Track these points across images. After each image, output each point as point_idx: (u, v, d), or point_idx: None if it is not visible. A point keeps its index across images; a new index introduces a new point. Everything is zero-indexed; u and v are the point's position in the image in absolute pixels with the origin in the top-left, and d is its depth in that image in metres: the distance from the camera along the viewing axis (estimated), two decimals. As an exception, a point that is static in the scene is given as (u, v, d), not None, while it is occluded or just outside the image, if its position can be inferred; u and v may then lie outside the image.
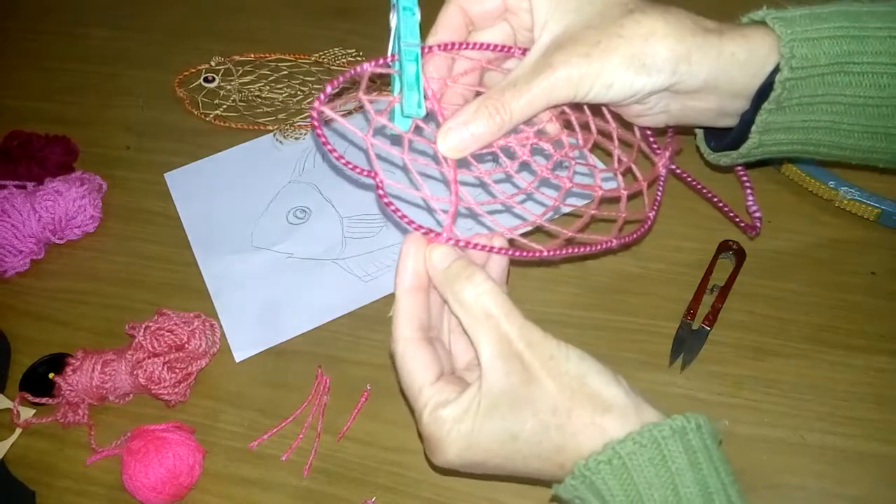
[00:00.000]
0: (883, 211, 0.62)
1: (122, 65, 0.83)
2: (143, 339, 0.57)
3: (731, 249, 0.62)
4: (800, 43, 0.43)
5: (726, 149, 0.49)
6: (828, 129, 0.46)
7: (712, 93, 0.44)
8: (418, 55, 0.43)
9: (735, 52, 0.43)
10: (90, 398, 0.58)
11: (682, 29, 0.42)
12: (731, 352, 0.58)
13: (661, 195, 0.49)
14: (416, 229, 0.42)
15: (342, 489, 0.54)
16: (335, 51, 0.80)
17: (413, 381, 0.42)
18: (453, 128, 0.42)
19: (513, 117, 0.42)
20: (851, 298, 0.60)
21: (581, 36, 0.41)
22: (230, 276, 0.65)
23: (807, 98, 0.44)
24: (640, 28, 0.41)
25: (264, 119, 0.76)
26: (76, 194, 0.67)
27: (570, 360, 0.39)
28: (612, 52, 0.41)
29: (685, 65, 0.42)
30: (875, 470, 0.52)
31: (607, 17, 0.42)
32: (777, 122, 0.45)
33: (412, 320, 0.42)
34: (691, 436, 0.37)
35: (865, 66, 0.44)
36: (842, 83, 0.44)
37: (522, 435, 0.39)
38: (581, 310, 0.61)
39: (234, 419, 0.58)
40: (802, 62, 0.43)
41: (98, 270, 0.67)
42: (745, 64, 0.43)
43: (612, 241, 0.46)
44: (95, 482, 0.56)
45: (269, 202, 0.70)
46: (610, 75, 0.41)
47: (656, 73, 0.42)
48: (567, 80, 0.41)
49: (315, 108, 0.41)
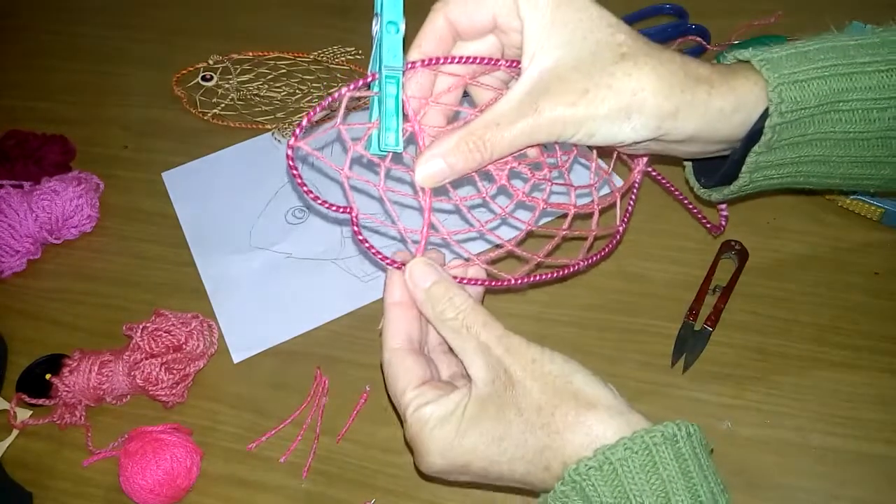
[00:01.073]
0: (886, 211, 0.61)
1: (119, 64, 0.82)
2: (141, 339, 0.57)
3: (733, 250, 0.62)
4: (788, 86, 0.42)
5: (716, 184, 0.49)
6: (818, 163, 0.46)
7: (696, 142, 0.44)
8: (400, 82, 0.42)
9: (723, 107, 0.42)
10: (87, 399, 0.57)
11: (671, 84, 0.41)
12: (734, 352, 0.58)
13: (633, 207, 0.49)
14: (389, 264, 0.43)
15: (341, 491, 0.54)
16: (334, 49, 0.80)
17: (397, 384, 0.43)
18: (431, 159, 0.41)
19: (493, 155, 0.41)
20: (854, 299, 0.59)
21: (570, 79, 0.41)
22: (228, 276, 0.65)
23: (797, 137, 0.44)
24: (629, 81, 0.40)
25: (262, 118, 0.75)
26: (73, 194, 0.67)
27: (554, 362, 0.40)
28: (600, 103, 0.40)
29: (671, 121, 0.41)
30: (877, 471, 0.52)
31: (598, 59, 0.41)
32: (767, 161, 0.45)
33: (400, 333, 0.44)
34: (682, 443, 0.37)
35: (855, 102, 0.44)
36: (832, 120, 0.44)
37: (508, 436, 0.39)
38: (583, 310, 0.61)
39: (232, 420, 0.58)
40: (792, 105, 0.43)
41: (95, 270, 0.67)
42: (733, 117, 0.43)
43: (579, 264, 0.47)
44: (93, 484, 0.56)
45: (267, 202, 0.70)
46: (594, 126, 0.41)
47: (641, 129, 0.41)
48: (551, 125, 0.41)
49: (290, 145, 0.40)
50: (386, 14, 0.41)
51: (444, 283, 0.42)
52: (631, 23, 0.76)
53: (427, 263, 0.43)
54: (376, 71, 0.42)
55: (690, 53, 0.75)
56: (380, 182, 0.42)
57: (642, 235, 0.64)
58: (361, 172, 0.43)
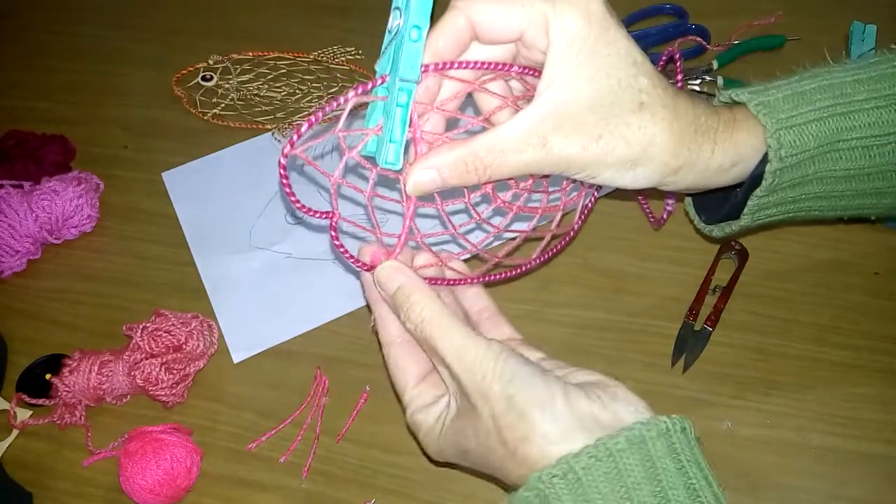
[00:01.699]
0: (886, 211, 0.61)
1: (119, 64, 0.82)
2: (141, 339, 0.57)
3: (733, 250, 0.62)
4: (786, 131, 0.42)
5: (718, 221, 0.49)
6: (819, 198, 0.46)
7: (692, 189, 0.45)
8: (413, 94, 0.40)
9: (722, 163, 0.43)
10: (87, 399, 0.57)
11: (681, 142, 0.41)
12: (734, 353, 0.58)
13: (592, 205, 0.49)
14: (360, 268, 0.44)
15: (341, 491, 0.54)
16: (334, 49, 0.79)
17: (397, 382, 0.45)
18: (425, 169, 0.40)
19: (490, 179, 0.41)
20: (854, 299, 0.59)
21: (585, 120, 0.39)
22: (228, 276, 0.65)
23: (798, 178, 0.44)
24: (643, 136, 0.40)
25: (263, 118, 0.75)
26: (73, 194, 0.67)
27: (502, 379, 0.38)
28: (611, 152, 0.40)
29: (673, 176, 0.42)
30: (877, 471, 0.52)
31: (617, 103, 0.39)
32: (768, 202, 0.45)
33: (392, 324, 0.44)
34: (651, 445, 0.35)
35: (855, 141, 0.43)
36: (832, 160, 0.44)
37: (471, 451, 0.40)
38: (582, 310, 0.61)
39: (232, 420, 0.58)
40: (791, 150, 0.43)
41: (95, 270, 0.67)
42: (730, 171, 0.43)
43: (531, 263, 0.49)
44: (93, 484, 0.56)
45: (267, 201, 0.70)
46: (599, 171, 0.41)
47: (643, 180, 0.42)
48: (556, 163, 0.40)
49: (284, 153, 0.39)
50: (412, 16, 0.38)
51: (405, 290, 0.42)
52: (631, 23, 0.77)
53: (394, 268, 0.43)
54: (386, 74, 0.40)
55: (690, 53, 0.75)
56: (368, 189, 0.42)
57: (642, 235, 0.64)
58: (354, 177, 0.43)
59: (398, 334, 0.44)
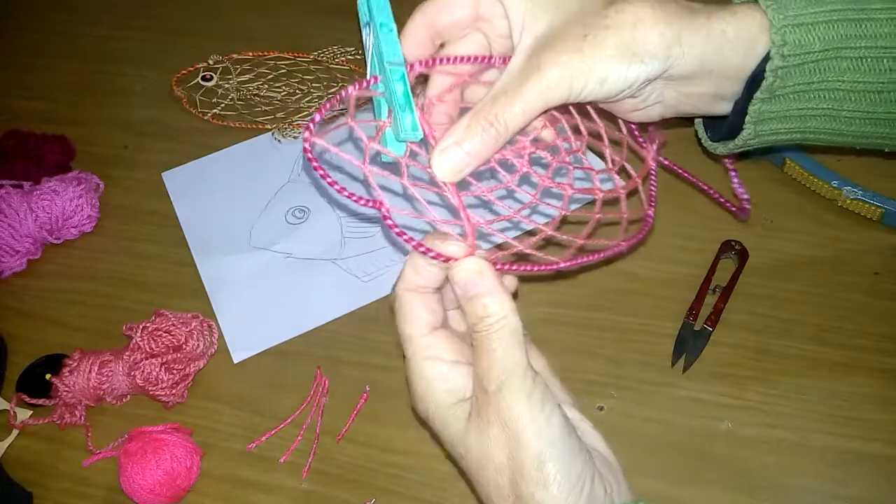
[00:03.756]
0: (886, 211, 0.61)
1: (119, 63, 0.82)
2: (141, 339, 0.57)
3: (733, 250, 0.62)
4: (792, 29, 0.41)
5: (723, 139, 0.47)
6: (826, 117, 0.44)
7: (707, 76, 0.42)
8: (404, 74, 0.40)
9: (725, 29, 0.41)
10: (87, 399, 0.57)
11: (668, 12, 0.40)
12: (734, 352, 0.58)
13: (656, 191, 0.48)
14: (436, 258, 0.40)
15: (341, 491, 0.54)
16: (334, 49, 0.80)
17: (407, 324, 0.40)
18: (447, 148, 0.39)
19: (508, 127, 0.40)
20: (854, 299, 0.59)
21: (566, 32, 0.40)
22: (228, 276, 0.65)
23: (802, 86, 0.43)
24: (625, 16, 0.39)
25: (263, 118, 0.75)
26: (73, 194, 0.67)
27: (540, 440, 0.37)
28: (602, 44, 0.39)
29: (677, 47, 0.40)
30: (877, 471, 0.52)
31: (589, 10, 0.40)
32: (771, 111, 0.44)
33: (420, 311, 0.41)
34: None
35: (863, 50, 0.41)
36: (838, 69, 0.42)
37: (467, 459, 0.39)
38: (582, 310, 0.61)
39: (232, 420, 0.58)
40: (795, 49, 0.41)
41: (95, 270, 0.67)
42: (736, 41, 0.41)
43: (621, 245, 0.45)
44: (93, 484, 0.55)
45: (267, 201, 0.70)
46: (603, 69, 0.39)
47: (649, 60, 0.40)
48: (559, 80, 0.39)
49: (307, 139, 0.38)
50: (377, 17, 0.41)
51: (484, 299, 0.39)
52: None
53: (476, 271, 0.39)
54: (377, 74, 0.42)
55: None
56: (403, 176, 0.40)
57: (642, 235, 0.64)
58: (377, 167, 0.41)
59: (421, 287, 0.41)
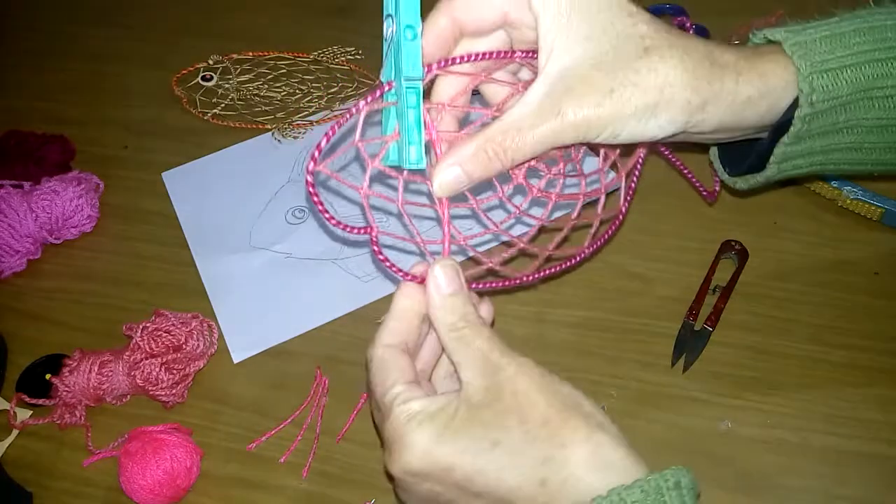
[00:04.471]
0: (886, 211, 0.61)
1: (119, 64, 0.82)
2: (141, 339, 0.57)
3: (733, 250, 0.61)
4: (819, 75, 0.41)
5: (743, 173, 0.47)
6: (849, 150, 0.44)
7: (722, 131, 0.42)
8: (421, 93, 0.40)
9: (751, 95, 0.41)
10: (87, 399, 0.57)
11: (698, 77, 0.39)
12: (734, 352, 0.58)
13: (636, 185, 0.47)
14: (409, 280, 0.41)
15: (341, 491, 0.54)
16: (334, 49, 0.80)
17: (387, 378, 0.40)
18: (448, 168, 0.40)
19: (513, 163, 0.40)
20: (854, 299, 0.59)
21: (593, 78, 0.39)
22: (228, 276, 0.65)
23: (828, 126, 0.43)
24: (656, 77, 0.39)
25: (262, 118, 0.75)
26: (73, 194, 0.67)
27: (564, 385, 0.38)
28: (626, 102, 0.38)
29: (699, 114, 0.40)
30: (878, 471, 0.52)
31: (621, 54, 0.39)
32: (796, 151, 0.44)
33: (399, 334, 0.42)
34: (685, 492, 0.36)
35: (890, 89, 0.42)
36: (865, 108, 0.42)
37: (505, 443, 0.37)
38: (582, 310, 0.61)
39: (232, 420, 0.58)
40: (823, 95, 0.41)
41: (95, 270, 0.67)
42: (760, 104, 0.41)
43: (584, 251, 0.46)
44: (93, 484, 0.55)
45: (267, 201, 0.70)
46: (620, 126, 0.39)
47: (668, 125, 0.40)
48: (576, 129, 0.39)
49: (309, 171, 0.38)
50: (403, 17, 0.39)
51: (463, 295, 0.40)
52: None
53: (453, 269, 0.41)
54: (392, 80, 0.41)
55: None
56: (398, 197, 0.41)
57: (643, 235, 0.64)
58: (376, 185, 0.42)
59: (402, 343, 0.42)
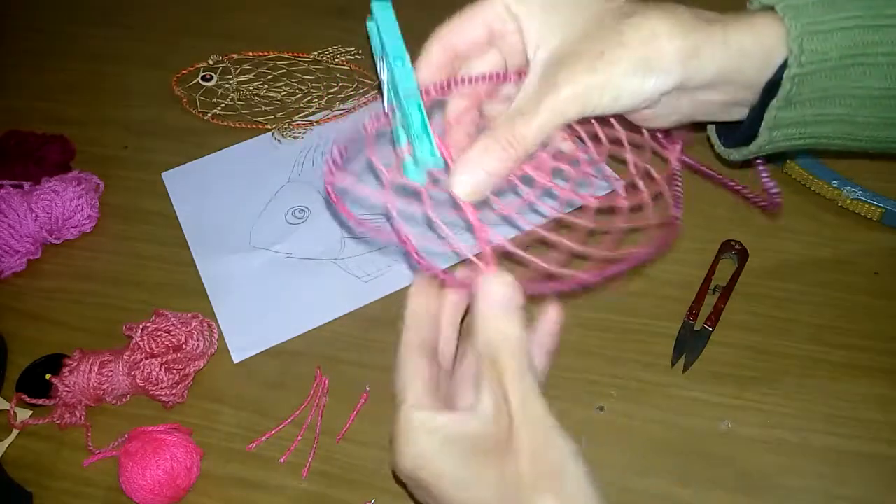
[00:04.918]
0: (886, 210, 0.61)
1: (119, 63, 0.82)
2: (141, 339, 0.57)
3: (733, 250, 0.61)
4: (809, 37, 0.41)
5: (737, 144, 0.47)
6: (841, 122, 0.44)
7: (723, 86, 0.43)
8: (420, 103, 0.41)
9: (742, 41, 0.41)
10: (87, 399, 0.57)
11: (685, 24, 0.40)
12: (734, 352, 0.58)
13: (682, 192, 0.47)
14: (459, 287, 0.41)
15: (341, 491, 0.54)
16: (334, 49, 0.80)
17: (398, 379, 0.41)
18: (466, 169, 0.40)
19: (527, 146, 0.40)
20: (854, 299, 0.59)
21: (581, 49, 0.40)
22: (228, 276, 0.65)
23: (818, 92, 0.42)
24: (641, 31, 0.39)
25: (263, 118, 0.75)
26: (73, 194, 0.67)
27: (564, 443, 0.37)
28: (617, 61, 0.39)
29: (694, 59, 0.40)
30: (878, 471, 0.52)
31: (604, 25, 0.40)
32: (787, 117, 0.44)
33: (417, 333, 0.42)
34: None
35: (880, 57, 0.41)
36: (855, 75, 0.42)
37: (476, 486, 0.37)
38: (582, 310, 0.61)
39: (232, 420, 0.58)
40: (812, 57, 0.41)
41: (95, 270, 0.67)
42: (753, 53, 0.41)
43: (648, 251, 0.44)
44: (93, 484, 0.55)
45: (267, 201, 0.70)
46: (618, 85, 0.39)
47: (665, 74, 0.40)
48: (575, 98, 0.39)
49: (328, 182, 0.39)
50: (390, 54, 0.42)
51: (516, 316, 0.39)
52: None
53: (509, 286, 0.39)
54: (393, 104, 0.42)
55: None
56: (425, 205, 0.41)
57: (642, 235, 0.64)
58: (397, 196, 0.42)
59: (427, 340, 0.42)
